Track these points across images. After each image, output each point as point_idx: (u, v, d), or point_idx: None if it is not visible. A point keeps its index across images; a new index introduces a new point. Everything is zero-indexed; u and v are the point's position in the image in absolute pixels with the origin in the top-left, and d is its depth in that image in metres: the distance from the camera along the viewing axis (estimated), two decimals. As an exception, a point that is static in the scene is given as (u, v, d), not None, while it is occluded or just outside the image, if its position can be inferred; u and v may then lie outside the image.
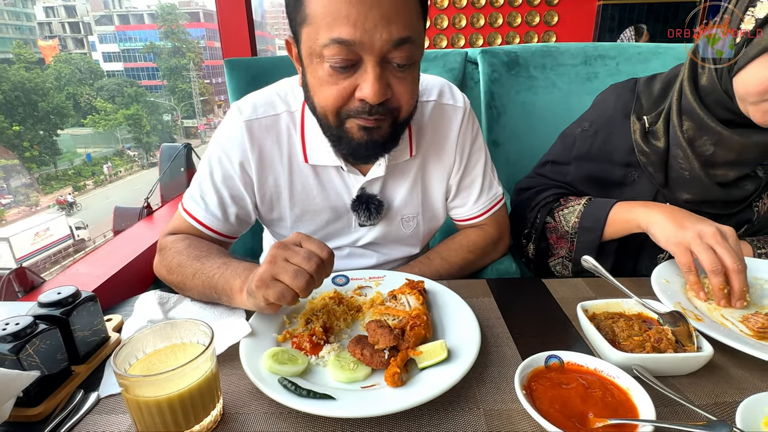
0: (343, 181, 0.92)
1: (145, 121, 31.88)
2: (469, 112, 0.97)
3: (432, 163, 0.97)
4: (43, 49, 34.30)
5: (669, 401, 0.56)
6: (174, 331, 0.58)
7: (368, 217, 0.92)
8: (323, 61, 0.71)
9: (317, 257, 0.64)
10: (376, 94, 0.70)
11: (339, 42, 0.67)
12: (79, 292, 0.66)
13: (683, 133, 0.90)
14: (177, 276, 0.81)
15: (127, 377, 0.49)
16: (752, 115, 0.82)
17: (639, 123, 0.97)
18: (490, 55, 1.54)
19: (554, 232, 1.01)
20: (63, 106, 28.26)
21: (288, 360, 0.61)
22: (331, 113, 0.75)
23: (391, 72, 0.72)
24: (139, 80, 38.28)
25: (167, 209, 1.34)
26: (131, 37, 42.14)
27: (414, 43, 0.70)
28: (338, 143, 0.80)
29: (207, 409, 0.53)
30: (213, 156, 0.90)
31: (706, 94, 0.87)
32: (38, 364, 0.58)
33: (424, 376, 0.60)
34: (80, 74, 32.54)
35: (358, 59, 0.69)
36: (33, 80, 26.42)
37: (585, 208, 0.97)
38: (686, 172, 0.91)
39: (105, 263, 0.92)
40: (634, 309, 0.72)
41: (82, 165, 28.98)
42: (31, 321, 0.58)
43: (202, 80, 37.94)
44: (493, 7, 4.38)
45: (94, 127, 30.57)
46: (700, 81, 0.88)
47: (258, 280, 0.64)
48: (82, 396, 0.60)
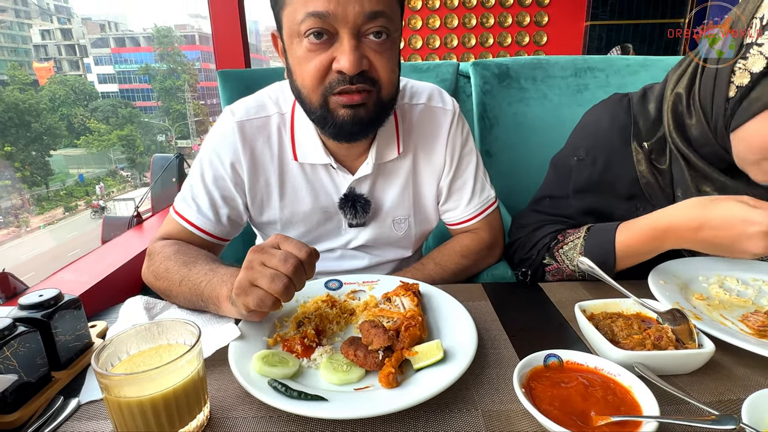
0: (332, 180, 0.92)
1: (139, 141, 31.95)
2: (459, 115, 0.98)
3: (422, 165, 0.97)
4: (38, 70, 34.51)
5: (672, 399, 0.54)
6: (160, 332, 0.55)
7: (354, 215, 0.92)
8: (302, 39, 0.73)
9: (294, 258, 0.61)
10: (352, 63, 0.71)
11: (314, 15, 0.69)
12: (62, 294, 0.64)
13: (687, 176, 0.82)
14: (164, 282, 0.79)
15: (109, 376, 0.46)
16: (752, 175, 0.76)
17: (642, 151, 0.87)
18: (482, 68, 1.56)
19: (558, 273, 0.92)
20: (56, 126, 28.28)
21: (278, 362, 0.59)
22: (312, 90, 0.76)
23: (368, 45, 0.73)
24: (133, 101, 38.54)
25: (157, 219, 1.31)
26: (127, 59, 42.59)
27: (388, 17, 0.72)
28: (324, 124, 0.79)
29: (192, 412, 0.51)
30: (204, 158, 0.90)
31: (699, 146, 0.81)
32: (16, 368, 0.55)
33: (420, 377, 0.57)
34: (74, 95, 32.67)
35: (334, 32, 0.72)
36: (27, 101, 26.48)
37: (586, 242, 0.86)
38: None
39: (91, 270, 0.90)
40: (632, 309, 0.70)
41: (74, 185, 28.82)
42: (9, 323, 0.56)
43: (197, 101, 38.23)
44: (484, 27, 4.48)
45: (87, 147, 30.56)
46: (689, 132, 0.81)
47: (236, 288, 0.62)
48: (61, 402, 0.57)
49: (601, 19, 4.39)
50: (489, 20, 4.47)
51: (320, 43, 0.72)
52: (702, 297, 0.76)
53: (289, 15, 0.73)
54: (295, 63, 0.76)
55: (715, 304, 0.74)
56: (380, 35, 0.73)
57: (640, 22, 4.41)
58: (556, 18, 4.46)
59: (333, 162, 0.89)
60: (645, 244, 0.81)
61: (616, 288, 0.73)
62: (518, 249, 1.00)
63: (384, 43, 0.74)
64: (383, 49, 0.74)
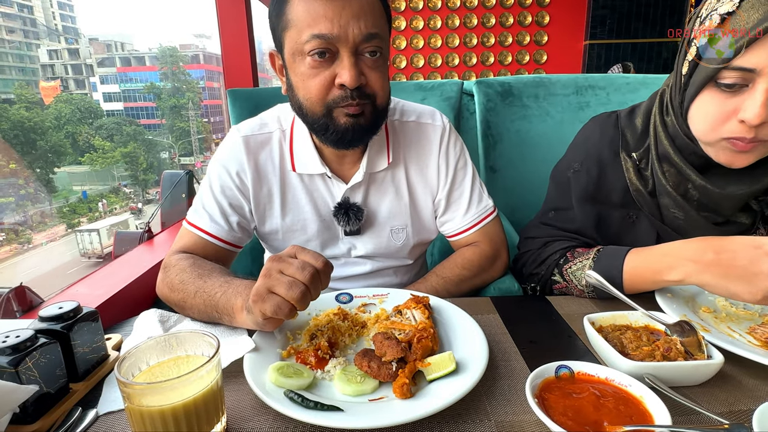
0: (328, 189, 0.98)
1: (143, 158, 32.21)
2: (450, 130, 1.03)
3: (416, 178, 1.02)
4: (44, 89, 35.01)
5: (683, 410, 0.55)
6: (177, 343, 0.57)
7: (347, 222, 0.97)
8: (305, 57, 0.80)
9: (312, 267, 0.64)
10: (353, 78, 0.79)
11: (319, 36, 0.77)
12: (81, 307, 0.65)
13: (667, 180, 0.85)
14: (179, 294, 0.81)
15: (131, 385, 0.47)
16: (714, 157, 0.78)
17: (630, 160, 0.91)
18: (485, 86, 1.60)
19: (566, 291, 0.92)
20: (61, 144, 28.59)
21: (294, 373, 0.60)
22: (317, 104, 0.83)
23: (363, 62, 0.82)
24: (138, 119, 38.96)
25: (167, 234, 1.33)
26: (132, 78, 43.24)
27: (381, 38, 0.81)
28: (325, 132, 0.85)
29: (211, 422, 0.52)
30: (212, 172, 0.97)
31: (673, 138, 0.83)
32: (37, 378, 0.56)
33: (433, 388, 0.58)
34: (80, 114, 33.07)
35: (336, 51, 0.79)
36: (32, 119, 26.82)
37: (595, 263, 0.86)
38: (680, 219, 0.86)
39: (105, 284, 0.91)
40: (640, 321, 0.71)
41: (78, 202, 28.96)
42: (32, 334, 0.57)
43: (200, 119, 38.65)
44: (485, 46, 4.57)
45: (91, 165, 30.80)
46: (668, 129, 0.84)
47: (254, 295, 0.64)
48: (80, 413, 0.58)
49: (600, 38, 4.47)
50: (490, 39, 4.56)
51: (323, 61, 0.80)
52: (709, 310, 0.77)
53: (293, 36, 0.80)
54: (298, 79, 0.83)
55: (722, 317, 0.75)
56: (375, 54, 0.82)
57: (639, 41, 4.49)
58: (556, 37, 4.55)
59: (328, 171, 0.95)
60: (654, 271, 0.78)
61: (624, 301, 0.74)
62: (527, 263, 1.00)
63: (377, 61, 0.83)
64: (377, 66, 0.83)
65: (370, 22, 0.79)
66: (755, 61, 0.67)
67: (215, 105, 42.70)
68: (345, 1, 0.77)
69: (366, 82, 0.82)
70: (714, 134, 0.74)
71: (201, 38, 53.55)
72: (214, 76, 44.55)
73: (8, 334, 0.56)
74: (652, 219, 0.90)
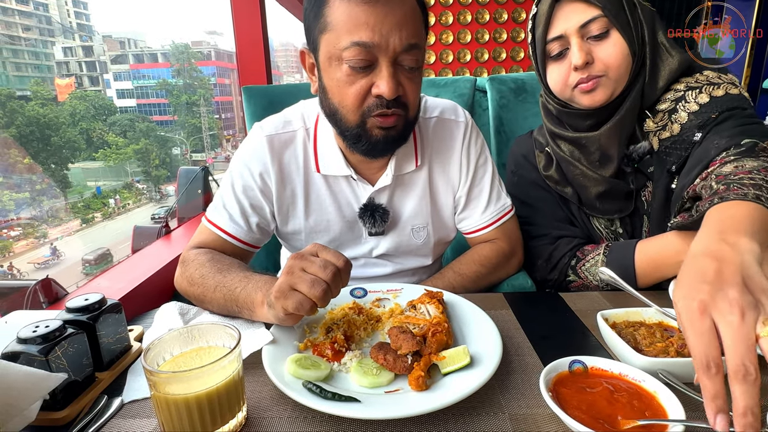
0: (353, 191, 0.97)
1: (155, 154, 32.56)
2: (472, 126, 1.02)
3: (438, 176, 1.01)
4: (59, 87, 35.51)
5: (697, 405, 0.55)
6: (199, 335, 0.58)
7: (373, 224, 0.96)
8: (342, 63, 0.78)
9: (333, 266, 0.65)
10: (391, 89, 0.77)
11: (359, 44, 0.75)
12: (105, 299, 0.68)
13: (562, 151, 1.01)
14: (198, 288, 0.82)
15: (157, 373, 0.49)
16: (579, 105, 0.94)
17: (543, 155, 1.06)
18: (498, 83, 1.59)
19: (583, 288, 0.98)
20: (75, 140, 29.02)
21: (311, 365, 0.61)
22: (352, 111, 0.81)
23: (401, 72, 0.80)
24: (150, 116, 39.37)
25: (184, 229, 1.36)
26: (145, 75, 43.68)
27: (420, 49, 0.80)
28: (358, 141, 0.85)
29: (233, 411, 0.53)
30: (235, 170, 0.95)
31: (551, 111, 1.01)
32: (65, 367, 0.58)
33: (448, 381, 0.59)
34: (94, 110, 33.51)
35: (374, 60, 0.78)
36: (47, 116, 27.25)
37: (607, 257, 0.93)
38: (579, 177, 0.99)
39: (125, 278, 0.94)
40: (654, 318, 0.71)
41: (92, 198, 29.41)
42: (60, 324, 0.59)
43: (211, 115, 38.94)
44: (497, 42, 4.54)
45: (105, 160, 31.22)
46: (548, 101, 1.01)
47: (276, 291, 0.66)
48: (106, 401, 0.60)
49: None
50: (502, 35, 4.52)
51: (361, 69, 0.78)
52: (724, 307, 0.77)
53: (331, 39, 0.78)
54: (332, 84, 0.81)
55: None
56: (413, 69, 0.81)
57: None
58: (569, 33, 4.50)
59: (354, 174, 0.94)
60: (667, 255, 0.85)
61: (638, 297, 0.74)
62: (539, 270, 1.04)
63: (414, 72, 0.82)
64: (414, 77, 0.82)
65: (411, 32, 0.77)
66: (561, 29, 0.90)
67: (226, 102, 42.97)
68: (388, 8, 0.75)
69: (402, 93, 0.81)
70: (566, 89, 0.93)
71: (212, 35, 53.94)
72: (225, 72, 44.86)
73: (38, 324, 0.59)
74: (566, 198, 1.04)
